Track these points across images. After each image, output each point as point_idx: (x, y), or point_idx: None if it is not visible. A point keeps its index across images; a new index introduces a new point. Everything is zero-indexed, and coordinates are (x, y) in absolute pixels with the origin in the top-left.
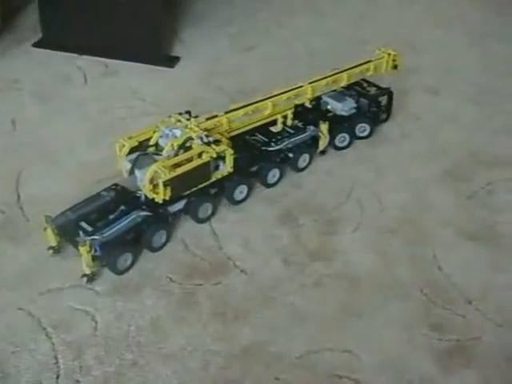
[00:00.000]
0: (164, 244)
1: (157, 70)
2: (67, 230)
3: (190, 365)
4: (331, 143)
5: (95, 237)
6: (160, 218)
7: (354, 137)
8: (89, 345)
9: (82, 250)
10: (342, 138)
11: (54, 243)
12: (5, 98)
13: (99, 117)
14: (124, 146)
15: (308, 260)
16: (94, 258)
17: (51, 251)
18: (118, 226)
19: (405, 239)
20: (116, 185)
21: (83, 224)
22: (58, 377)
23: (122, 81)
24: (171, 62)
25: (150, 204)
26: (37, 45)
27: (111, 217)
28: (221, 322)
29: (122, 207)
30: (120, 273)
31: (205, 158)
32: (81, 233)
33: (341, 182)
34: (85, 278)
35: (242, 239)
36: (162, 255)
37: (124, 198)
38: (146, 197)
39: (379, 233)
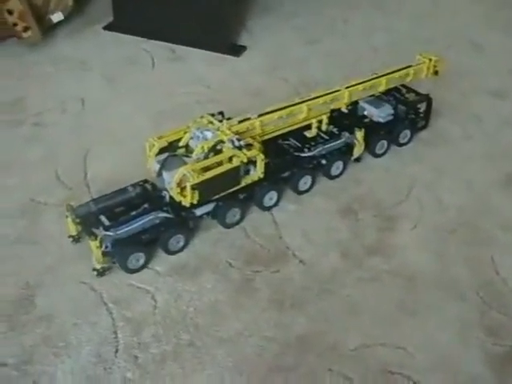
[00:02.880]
0: (182, 248)
1: (223, 58)
2: (86, 222)
3: (246, 350)
4: (370, 150)
5: (108, 233)
6: (180, 222)
7: (392, 143)
8: (148, 323)
9: (92, 244)
10: (381, 145)
11: (73, 232)
12: (75, 78)
13: (164, 101)
14: (154, 145)
15: (366, 254)
16: (105, 254)
17: (71, 240)
18: (135, 224)
19: (463, 240)
20: (146, 181)
21: (102, 217)
22: (117, 351)
23: (188, 67)
24: (237, 50)
25: (174, 206)
26: (107, 27)
27: (132, 213)
28: (277, 309)
29: (146, 205)
30: (130, 272)
31: (235, 162)
32: (99, 226)
33: (400, 179)
34: (95, 273)
35: (302, 230)
36: (221, 240)
37: (149, 195)
38: (170, 198)
39: (438, 232)
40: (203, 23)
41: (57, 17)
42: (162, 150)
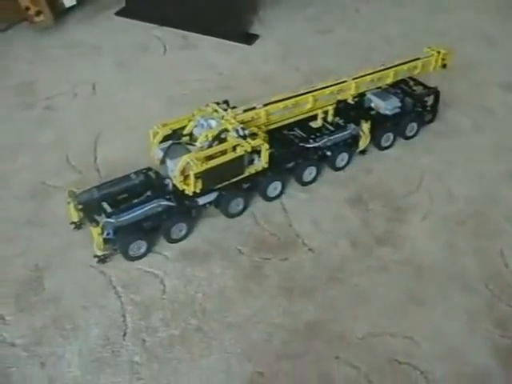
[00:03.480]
0: (184, 237)
1: (235, 46)
2: (88, 208)
3: (254, 335)
4: (375, 143)
5: (110, 220)
6: (182, 211)
7: (398, 136)
8: (156, 307)
9: (94, 231)
10: (387, 138)
11: (75, 219)
12: (87, 63)
13: (175, 87)
14: (157, 133)
15: (375, 244)
16: (106, 241)
17: (73, 226)
18: (137, 212)
19: (473, 232)
20: (149, 169)
21: (104, 204)
22: (125, 334)
23: (200, 54)
24: (249, 39)
25: (177, 194)
26: (119, 13)
27: (135, 201)
28: (286, 296)
29: (149, 193)
30: (131, 259)
31: (239, 151)
32: (101, 212)
33: (410, 170)
34: (95, 259)
35: (312, 218)
36: (231, 227)
37: (152, 183)
38: (173, 186)
39: (447, 223)
40: (216, 11)
41: (69, 1)
42: (165, 138)
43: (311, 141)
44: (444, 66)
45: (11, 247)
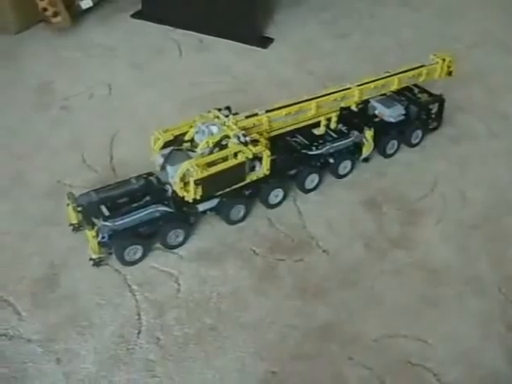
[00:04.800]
0: (181, 243)
1: (250, 49)
2: (86, 211)
3: (268, 336)
4: (380, 150)
5: (106, 223)
6: (180, 217)
7: (402, 143)
8: (171, 306)
9: (89, 234)
10: (391, 145)
11: (74, 221)
12: (103, 64)
13: (190, 90)
14: (159, 139)
15: (389, 247)
16: (102, 244)
17: (71, 228)
18: (134, 216)
19: (486, 236)
20: (150, 174)
21: (103, 208)
22: (139, 332)
23: (216, 57)
24: (264, 42)
25: (176, 200)
26: (135, 16)
27: (133, 205)
28: (300, 297)
29: (148, 198)
30: (127, 264)
31: (240, 158)
32: (98, 216)
33: (424, 174)
34: (91, 262)
35: (326, 220)
36: (245, 228)
37: (152, 188)
38: (173, 192)
39: (461, 228)
40: (231, 14)
41: (86, 3)
42: (167, 144)
43: (314, 148)
44: (450, 73)
45: (28, 245)
